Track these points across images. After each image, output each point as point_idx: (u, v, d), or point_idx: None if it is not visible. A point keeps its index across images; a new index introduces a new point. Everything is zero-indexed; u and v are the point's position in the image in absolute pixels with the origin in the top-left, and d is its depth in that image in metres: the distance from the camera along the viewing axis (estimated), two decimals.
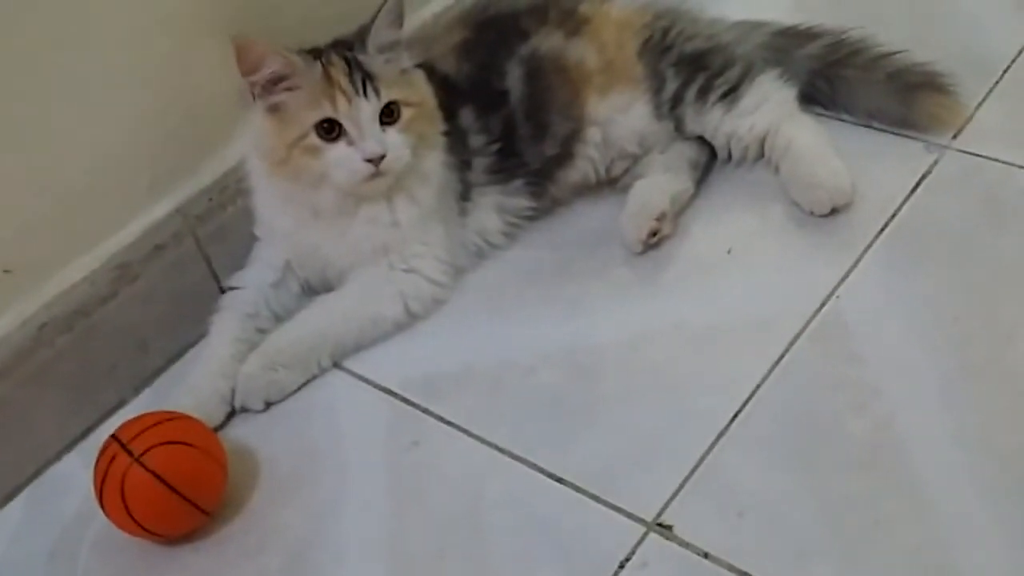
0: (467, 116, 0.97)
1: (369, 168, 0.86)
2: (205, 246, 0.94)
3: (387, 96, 0.86)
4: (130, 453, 0.75)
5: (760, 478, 0.78)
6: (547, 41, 1.01)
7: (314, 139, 0.85)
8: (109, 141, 0.86)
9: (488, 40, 1.01)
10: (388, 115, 0.87)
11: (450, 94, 0.96)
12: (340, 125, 0.85)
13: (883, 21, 1.12)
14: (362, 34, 0.89)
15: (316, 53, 0.87)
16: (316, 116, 0.85)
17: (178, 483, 0.76)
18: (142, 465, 0.75)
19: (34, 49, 0.80)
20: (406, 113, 0.88)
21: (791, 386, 0.83)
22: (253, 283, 0.95)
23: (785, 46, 1.07)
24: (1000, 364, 0.82)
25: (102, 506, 0.77)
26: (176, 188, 0.92)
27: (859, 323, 0.87)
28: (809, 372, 0.84)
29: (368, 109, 0.86)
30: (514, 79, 0.99)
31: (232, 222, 0.95)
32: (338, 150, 0.86)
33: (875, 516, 0.74)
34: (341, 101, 0.85)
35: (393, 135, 0.87)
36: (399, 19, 0.89)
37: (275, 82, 0.85)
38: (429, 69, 0.95)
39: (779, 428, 0.81)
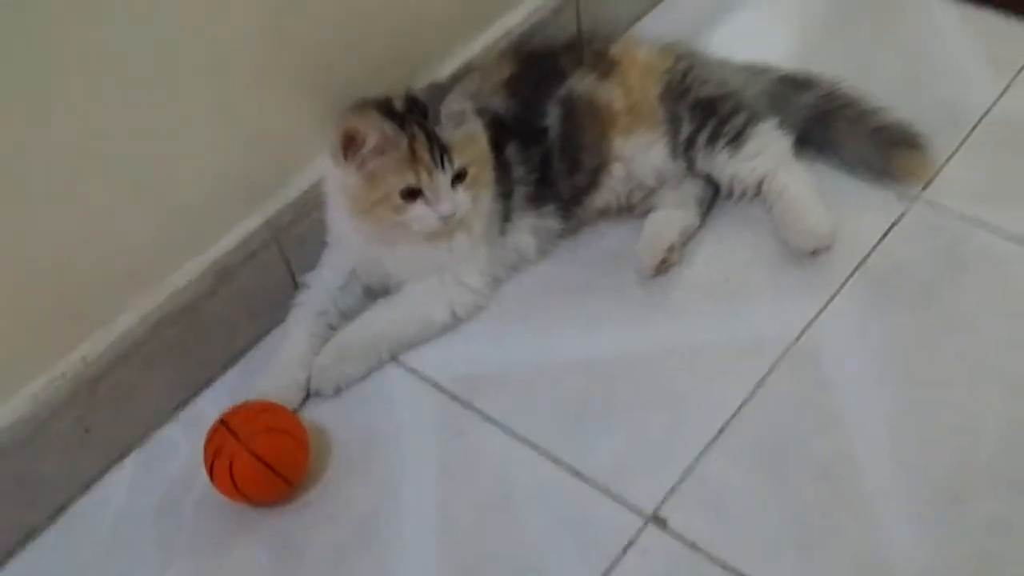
0: (512, 150, 1.09)
1: (442, 221, 1.00)
2: (286, 251, 1.07)
3: (459, 164, 0.99)
4: (238, 438, 0.91)
5: (741, 482, 0.94)
6: (582, 83, 1.13)
7: (397, 200, 0.98)
8: (213, 165, 0.99)
9: (532, 78, 1.13)
10: (458, 178, 1.00)
11: (499, 131, 1.08)
12: (420, 190, 0.99)
13: (868, 71, 1.25)
14: (436, 96, 1.01)
15: (394, 114, 0.99)
16: (402, 184, 0.98)
17: (276, 464, 0.92)
18: (249, 450, 0.90)
19: (152, 91, 0.92)
20: (471, 171, 1.01)
21: (770, 405, 0.99)
22: (323, 285, 1.09)
23: (784, 94, 1.19)
24: (941, 399, 0.97)
25: (211, 478, 0.93)
26: (265, 203, 1.05)
27: (829, 353, 1.02)
28: (785, 394, 0.99)
29: (444, 178, 0.99)
30: (553, 118, 1.11)
31: (309, 230, 1.08)
32: (417, 209, 0.99)
33: (830, 522, 0.90)
34: (423, 173, 0.98)
35: (461, 193, 1.00)
36: (472, 94, 1.01)
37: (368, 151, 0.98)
38: (483, 109, 1.08)
39: (758, 441, 0.96)
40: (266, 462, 0.91)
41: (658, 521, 0.92)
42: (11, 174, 0.84)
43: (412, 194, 0.99)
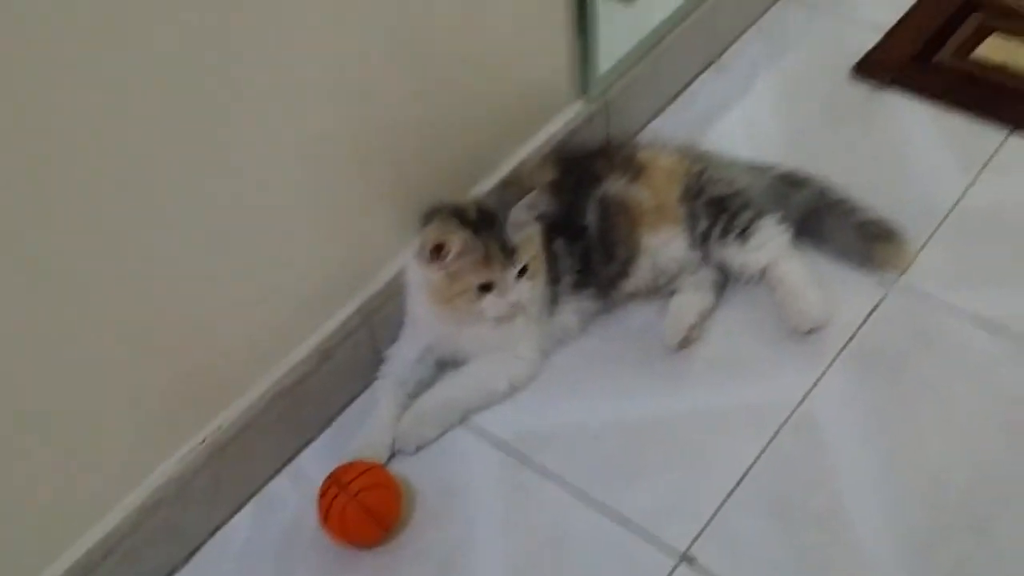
0: (559, 245, 1.30)
1: (510, 308, 1.21)
2: (374, 330, 1.28)
3: (522, 260, 1.20)
4: (349, 492, 1.11)
5: (754, 527, 1.14)
6: (615, 186, 1.34)
7: (474, 292, 1.19)
8: (320, 266, 1.19)
9: (572, 182, 1.34)
10: (521, 272, 1.21)
11: (549, 227, 1.29)
12: (493, 284, 1.20)
13: (851, 168, 1.45)
14: (500, 201, 1.22)
15: (468, 222, 1.19)
16: (479, 280, 1.18)
17: (379, 514, 1.12)
18: (358, 502, 1.11)
19: (275, 204, 1.12)
20: (531, 265, 1.22)
21: (777, 462, 1.20)
22: (403, 359, 1.28)
23: (783, 192, 1.41)
24: (917, 458, 1.18)
25: (325, 525, 1.13)
26: (358, 292, 1.25)
27: (824, 418, 1.23)
28: (789, 453, 1.20)
29: (512, 273, 1.19)
30: (591, 216, 1.32)
31: (391, 312, 1.29)
32: (490, 299, 1.19)
33: (827, 562, 1.11)
34: (496, 271, 1.18)
35: (524, 284, 1.21)
36: (533, 207, 1.22)
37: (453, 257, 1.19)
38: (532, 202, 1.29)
39: (768, 492, 1.17)
40: (372, 512, 1.11)
41: (688, 560, 1.13)
42: (170, 282, 1.04)
43: (486, 287, 1.20)
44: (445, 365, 1.31)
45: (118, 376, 1.03)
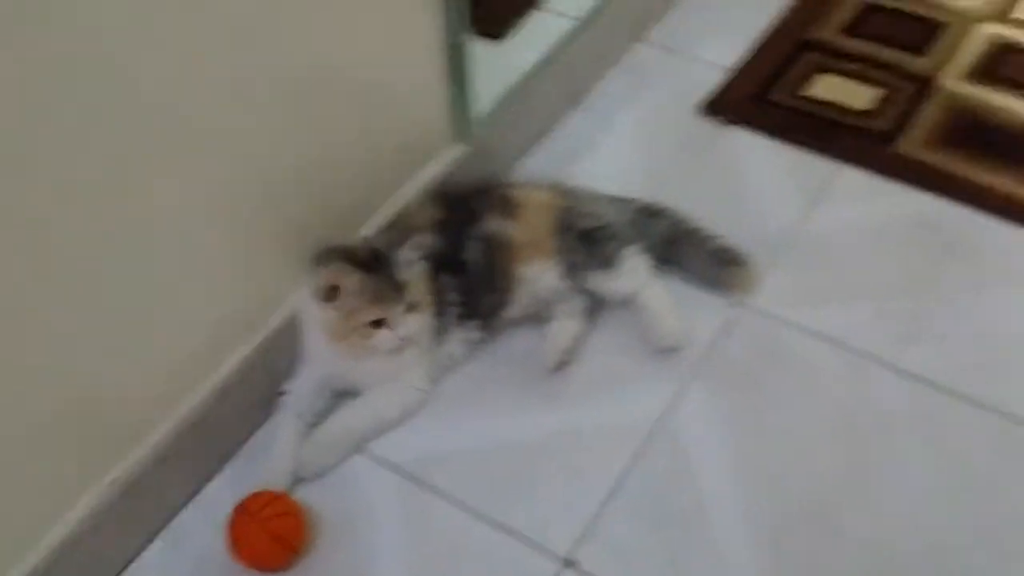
0: (444, 279, 1.40)
1: (401, 342, 1.30)
2: (271, 367, 1.36)
3: (412, 297, 1.30)
4: (257, 521, 1.19)
5: (628, 531, 1.27)
6: (493, 223, 1.45)
7: (367, 328, 1.29)
8: (213, 306, 1.27)
9: (454, 221, 1.45)
10: (411, 307, 1.31)
11: (434, 263, 1.40)
12: (385, 319, 1.29)
13: (703, 199, 1.59)
14: (389, 241, 1.32)
15: (360, 262, 1.28)
16: (371, 317, 1.27)
17: (287, 541, 1.20)
18: (267, 530, 1.19)
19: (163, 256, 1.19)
20: (419, 300, 1.32)
21: (644, 472, 1.32)
22: (301, 392, 1.36)
23: (644, 223, 1.54)
24: (766, 463, 1.34)
25: (235, 553, 1.20)
26: (256, 330, 1.33)
27: (685, 428, 1.36)
28: (655, 463, 1.33)
29: (401, 308, 1.29)
30: (473, 252, 1.43)
31: (289, 348, 1.37)
32: (382, 334, 1.29)
33: (692, 559, 1.25)
34: (387, 308, 1.28)
35: (413, 318, 1.31)
36: (419, 247, 1.32)
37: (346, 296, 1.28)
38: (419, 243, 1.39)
39: (638, 500, 1.30)
40: (279, 538, 1.20)
41: (571, 564, 1.25)
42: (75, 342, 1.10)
43: (378, 323, 1.29)
44: (341, 396, 1.40)
45: (24, 420, 1.09)
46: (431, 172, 1.53)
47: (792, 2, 1.95)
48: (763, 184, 1.67)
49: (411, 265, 1.33)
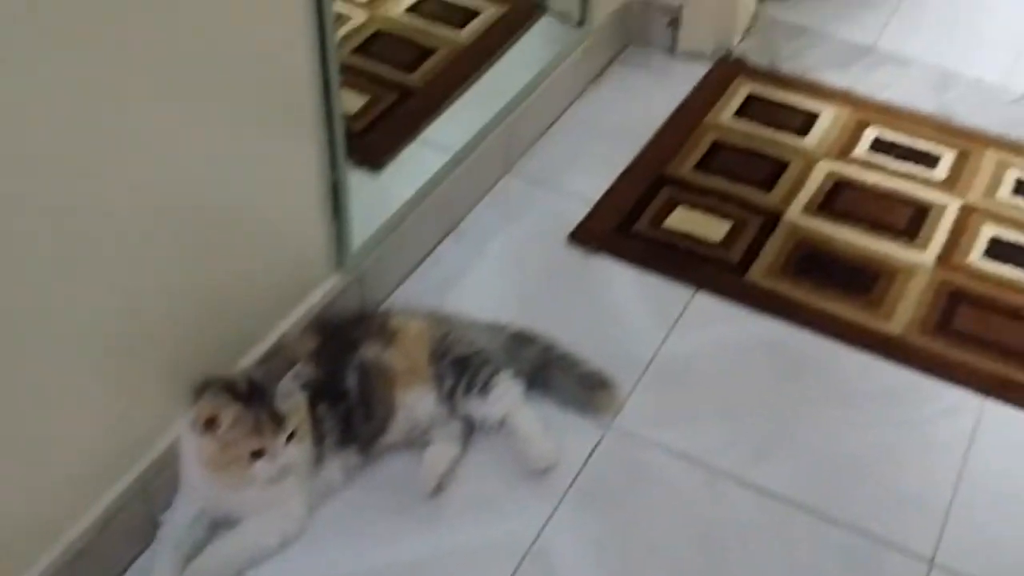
0: (322, 408, 1.44)
1: (280, 472, 1.34)
2: (151, 497, 1.37)
3: (290, 427, 1.34)
4: None
5: None
6: (371, 351, 1.51)
7: (246, 459, 1.32)
8: (90, 439, 1.28)
9: (333, 350, 1.50)
10: (290, 438, 1.35)
11: (313, 393, 1.44)
12: (264, 450, 1.32)
13: (569, 325, 1.69)
14: (268, 373, 1.36)
15: (240, 394, 1.32)
16: (250, 448, 1.30)
17: None
18: None
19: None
20: (298, 430, 1.36)
21: None
22: (178, 522, 1.37)
23: (515, 349, 1.62)
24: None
25: None
26: (135, 462, 1.35)
27: (557, 548, 1.42)
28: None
29: (280, 439, 1.33)
30: (351, 380, 1.48)
31: (168, 479, 1.38)
32: (261, 464, 1.32)
33: None
34: (266, 439, 1.31)
35: (292, 448, 1.34)
36: (298, 378, 1.37)
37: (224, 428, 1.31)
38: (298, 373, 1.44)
39: None
40: None
41: None
42: None
43: (257, 454, 1.33)
44: (220, 525, 1.41)
45: None
46: (311, 302, 1.59)
47: (651, 138, 2.10)
48: (627, 310, 1.78)
49: (290, 396, 1.37)
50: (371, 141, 1.98)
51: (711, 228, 1.90)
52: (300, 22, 1.37)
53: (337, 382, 1.47)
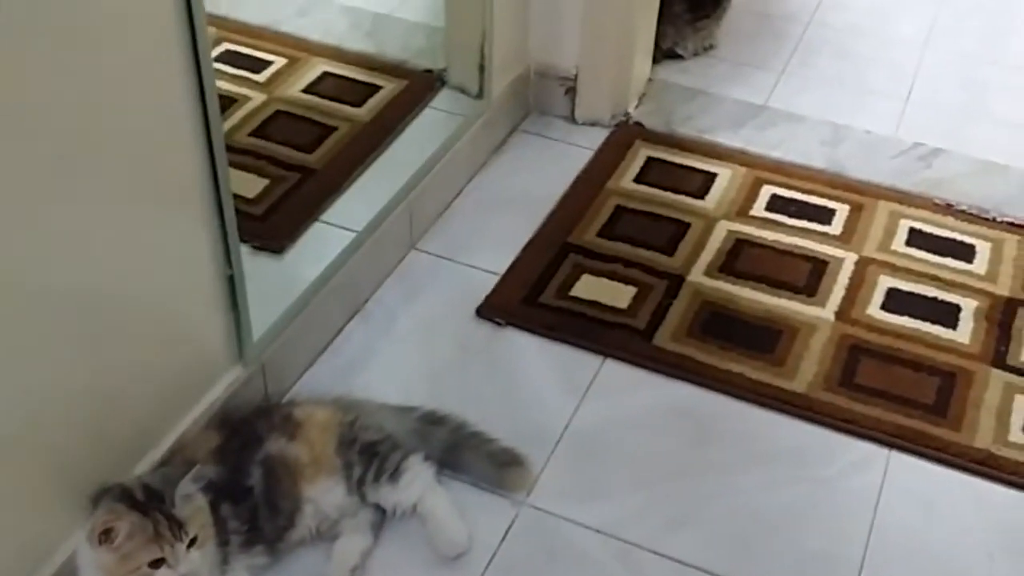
0: (226, 508, 1.40)
1: None
2: None
3: (192, 532, 1.29)
4: None
5: None
6: (275, 445, 1.48)
7: (145, 569, 1.27)
8: None
9: (236, 446, 1.46)
10: (191, 543, 1.30)
11: (215, 493, 1.40)
12: (164, 558, 1.28)
13: (482, 402, 1.68)
14: (165, 479, 1.32)
15: (136, 502, 1.27)
16: (150, 557, 1.25)
17: None
18: None
19: None
20: (201, 534, 1.32)
21: None
22: None
23: (425, 431, 1.60)
24: None
25: None
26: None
27: None
28: None
29: (181, 546, 1.28)
30: (255, 477, 1.44)
31: None
32: (161, 574, 1.27)
33: None
34: (166, 547, 1.27)
35: (194, 554, 1.30)
36: (196, 480, 1.33)
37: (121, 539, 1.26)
38: (199, 477, 1.39)
39: None
40: None
41: None
42: None
43: (157, 563, 1.28)
44: None
45: None
46: (212, 397, 1.55)
47: (554, 207, 2.11)
48: (537, 382, 1.77)
49: (190, 500, 1.33)
50: (272, 224, 1.96)
51: (617, 295, 1.91)
52: (185, 114, 1.35)
53: (241, 480, 1.44)
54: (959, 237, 2.07)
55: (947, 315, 1.89)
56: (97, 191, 1.26)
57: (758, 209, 2.12)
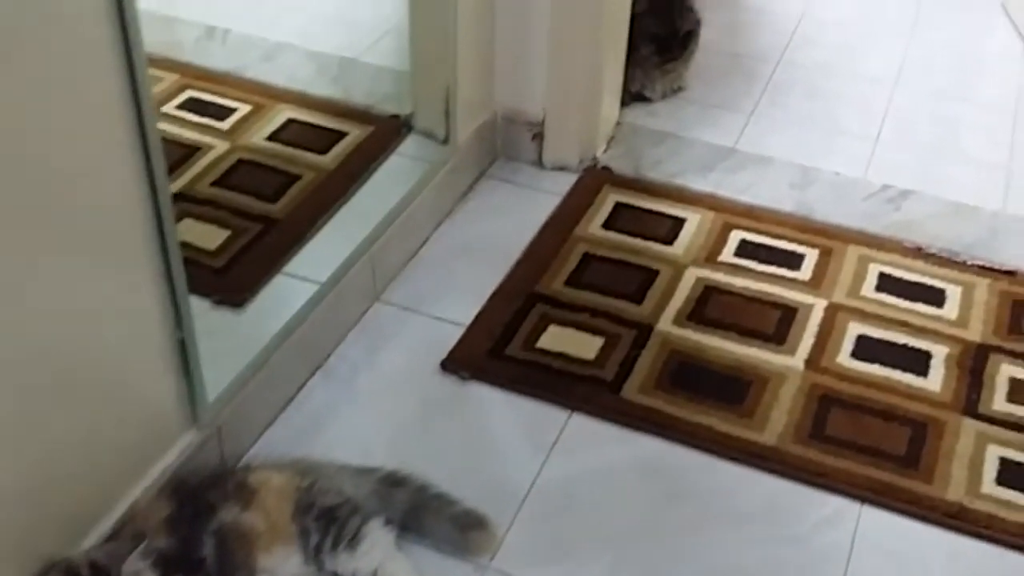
0: None
1: None
2: None
3: None
4: None
5: None
6: (229, 514, 1.43)
7: None
8: None
9: (188, 515, 1.41)
10: None
11: (166, 565, 1.35)
12: None
13: (445, 461, 1.64)
14: (112, 553, 1.27)
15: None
16: None
17: None
18: None
19: None
20: None
21: None
22: None
23: (386, 493, 1.55)
24: None
25: None
26: None
27: None
28: None
29: None
30: (208, 548, 1.40)
31: None
32: None
33: None
34: None
35: None
36: (144, 554, 1.28)
37: None
38: (149, 549, 1.34)
39: None
40: None
41: None
42: None
43: None
44: None
45: None
46: (164, 464, 1.50)
47: (521, 255, 2.07)
48: (502, 439, 1.73)
49: (140, 574, 1.28)
50: (233, 277, 1.92)
51: (584, 346, 1.87)
52: (127, 168, 1.30)
53: (193, 551, 1.39)
54: (929, 281, 2.04)
55: (918, 362, 1.86)
56: (34, 246, 1.21)
57: (727, 255, 2.09)
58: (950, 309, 1.98)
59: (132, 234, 1.35)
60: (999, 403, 1.79)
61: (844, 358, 1.87)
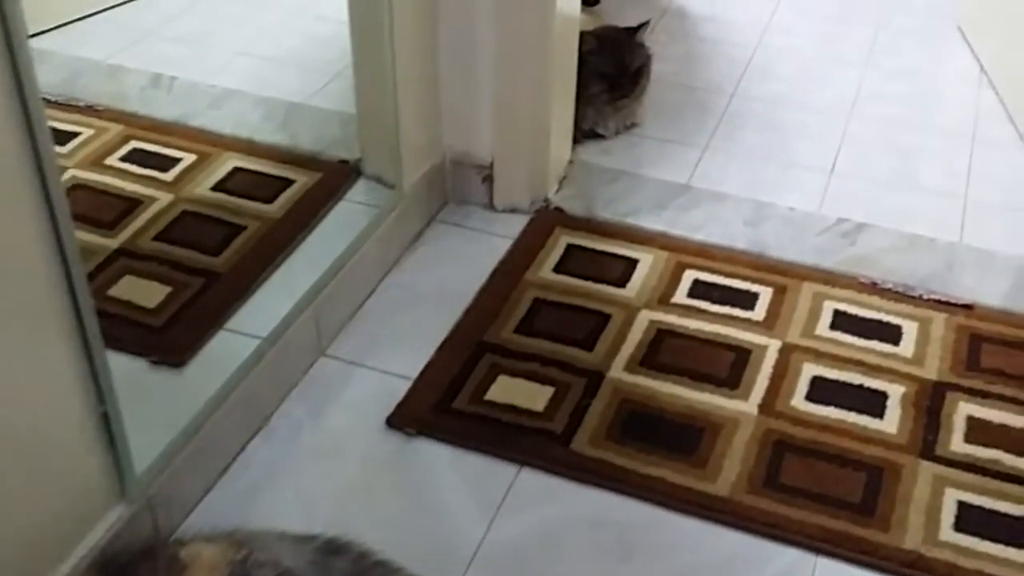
0: None
1: None
2: None
3: None
4: None
5: None
6: None
7: None
8: None
9: None
10: None
11: None
12: None
13: (390, 523, 1.58)
14: None
15: None
16: None
17: None
18: None
19: None
20: None
21: None
22: None
23: (326, 562, 1.49)
24: None
25: None
26: None
27: None
28: None
29: None
30: None
31: None
32: None
33: None
34: None
35: None
36: None
37: None
38: None
39: None
40: None
41: None
42: None
43: None
44: None
45: None
46: (90, 542, 1.44)
47: (470, 303, 2.02)
48: (448, 498, 1.67)
49: None
50: (173, 336, 1.86)
51: (533, 396, 1.82)
52: (32, 234, 1.24)
53: None
54: (885, 318, 2.00)
55: (873, 403, 1.82)
56: None
57: (680, 296, 2.04)
58: (906, 346, 1.94)
59: (43, 307, 1.29)
60: (957, 444, 1.75)
61: (799, 401, 1.82)
